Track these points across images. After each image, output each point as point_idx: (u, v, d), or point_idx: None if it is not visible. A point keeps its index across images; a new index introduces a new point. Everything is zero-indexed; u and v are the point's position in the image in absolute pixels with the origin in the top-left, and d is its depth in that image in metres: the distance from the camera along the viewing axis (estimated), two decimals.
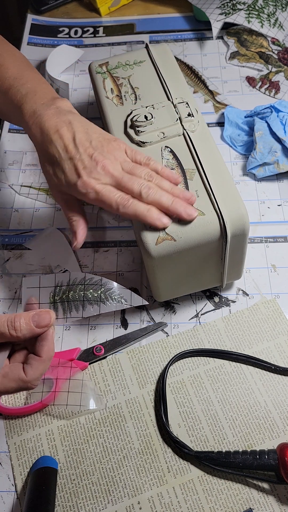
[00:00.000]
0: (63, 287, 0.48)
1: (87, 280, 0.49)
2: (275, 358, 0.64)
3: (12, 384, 0.47)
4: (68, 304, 0.47)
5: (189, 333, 0.66)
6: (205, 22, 0.99)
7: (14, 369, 0.47)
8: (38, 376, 0.47)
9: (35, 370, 0.47)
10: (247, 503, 0.56)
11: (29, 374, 0.47)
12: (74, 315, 0.48)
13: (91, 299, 0.48)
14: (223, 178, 0.59)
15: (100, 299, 0.48)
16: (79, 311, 0.47)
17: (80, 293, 0.48)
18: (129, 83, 0.70)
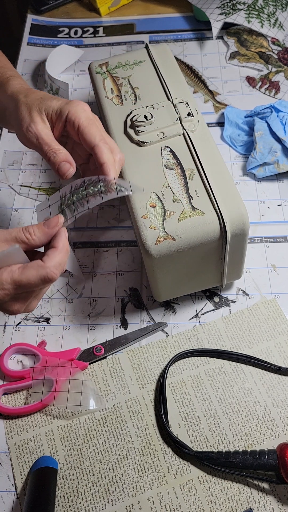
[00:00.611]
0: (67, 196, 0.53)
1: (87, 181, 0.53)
2: (275, 358, 0.64)
3: (33, 272, 0.47)
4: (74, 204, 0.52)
5: (189, 333, 0.66)
6: (205, 22, 0.99)
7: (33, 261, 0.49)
8: (56, 264, 0.48)
9: (52, 258, 0.49)
10: (247, 503, 0.56)
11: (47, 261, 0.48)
12: (81, 210, 0.52)
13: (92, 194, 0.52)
14: (223, 178, 0.59)
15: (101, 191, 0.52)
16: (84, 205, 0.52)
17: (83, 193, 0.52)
18: (129, 83, 0.70)
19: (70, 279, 0.72)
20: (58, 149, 0.56)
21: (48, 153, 0.56)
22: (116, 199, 0.78)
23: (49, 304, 0.70)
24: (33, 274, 0.48)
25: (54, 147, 0.56)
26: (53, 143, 0.57)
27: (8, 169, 0.84)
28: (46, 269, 0.48)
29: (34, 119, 0.57)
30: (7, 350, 0.66)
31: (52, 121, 0.58)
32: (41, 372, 0.63)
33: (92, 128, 0.56)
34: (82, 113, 0.56)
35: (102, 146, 0.55)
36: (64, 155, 0.56)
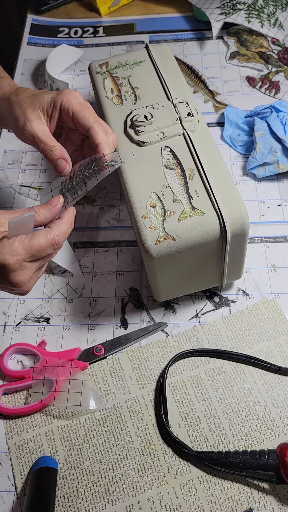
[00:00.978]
0: (67, 181, 0.58)
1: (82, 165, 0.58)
2: (275, 358, 0.64)
3: (42, 236, 0.52)
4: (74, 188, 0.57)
5: (189, 333, 0.66)
6: (205, 22, 0.99)
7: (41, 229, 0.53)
8: (61, 231, 0.53)
9: (58, 226, 0.54)
10: (247, 503, 0.56)
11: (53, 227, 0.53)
12: (80, 193, 0.57)
13: (88, 175, 0.57)
14: (223, 178, 0.59)
15: (94, 171, 0.57)
16: (83, 188, 0.57)
17: (80, 177, 0.57)
18: (129, 83, 0.70)
19: (70, 279, 0.72)
20: (53, 146, 0.59)
21: (45, 150, 0.59)
22: (116, 198, 0.79)
23: (49, 304, 0.70)
24: (43, 238, 0.52)
25: (49, 144, 0.59)
26: (48, 140, 0.59)
27: (8, 168, 0.84)
28: (53, 233, 0.52)
29: (29, 118, 0.59)
30: (7, 350, 0.66)
31: (48, 114, 0.60)
32: (41, 372, 0.63)
33: (86, 111, 0.59)
34: (74, 99, 0.59)
35: (97, 128, 0.58)
36: (59, 152, 0.59)
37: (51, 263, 0.73)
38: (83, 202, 0.79)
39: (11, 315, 0.70)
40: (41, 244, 0.52)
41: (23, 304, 0.71)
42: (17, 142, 0.87)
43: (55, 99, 0.60)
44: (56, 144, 0.59)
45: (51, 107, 0.60)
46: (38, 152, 0.85)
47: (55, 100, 0.59)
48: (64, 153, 0.59)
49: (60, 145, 0.60)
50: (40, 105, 0.60)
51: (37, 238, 0.51)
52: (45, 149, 0.59)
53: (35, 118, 0.59)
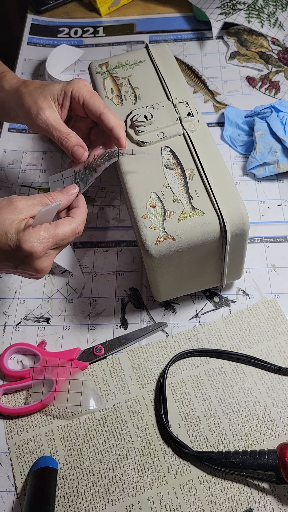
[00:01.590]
0: (81, 171, 0.60)
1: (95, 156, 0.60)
2: (275, 358, 0.64)
3: (66, 225, 0.54)
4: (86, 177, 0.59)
5: (189, 333, 0.66)
6: (205, 22, 0.99)
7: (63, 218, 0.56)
8: (81, 220, 0.56)
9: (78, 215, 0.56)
10: (247, 503, 0.56)
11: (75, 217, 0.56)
12: (91, 179, 0.59)
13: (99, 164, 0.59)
14: (223, 178, 0.59)
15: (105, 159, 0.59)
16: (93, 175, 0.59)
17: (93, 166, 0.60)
18: (129, 83, 0.70)
19: (70, 279, 0.72)
20: (68, 133, 0.61)
21: (60, 138, 0.61)
22: (116, 198, 0.79)
23: (49, 304, 0.70)
24: (67, 227, 0.54)
25: (64, 132, 0.61)
26: (62, 128, 0.61)
27: (8, 168, 0.84)
28: (75, 222, 0.55)
29: (41, 106, 0.60)
30: (7, 350, 0.66)
31: (59, 103, 0.62)
32: (41, 372, 0.63)
33: (96, 99, 0.61)
34: (84, 88, 0.61)
35: (108, 113, 0.60)
36: (75, 139, 0.60)
37: None
38: None
39: (11, 315, 0.70)
40: (66, 233, 0.54)
41: (23, 304, 0.71)
42: (17, 142, 0.87)
43: (65, 88, 0.61)
44: (71, 131, 0.61)
45: (62, 96, 0.61)
46: (38, 152, 0.85)
47: (66, 89, 0.61)
48: (79, 140, 0.61)
49: (74, 132, 0.61)
50: (51, 94, 0.61)
51: (62, 227, 0.53)
52: (60, 137, 0.60)
53: (47, 106, 0.61)
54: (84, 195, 0.79)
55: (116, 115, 0.61)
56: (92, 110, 0.60)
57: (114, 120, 0.60)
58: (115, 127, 0.60)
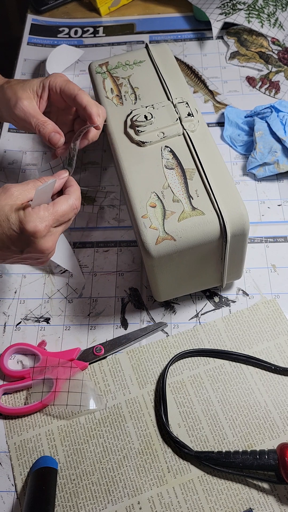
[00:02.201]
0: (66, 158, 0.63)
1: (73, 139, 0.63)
2: (275, 358, 0.64)
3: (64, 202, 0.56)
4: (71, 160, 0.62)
5: (189, 333, 0.66)
6: (205, 22, 0.99)
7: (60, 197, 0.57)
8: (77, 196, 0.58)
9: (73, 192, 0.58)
10: (247, 503, 0.56)
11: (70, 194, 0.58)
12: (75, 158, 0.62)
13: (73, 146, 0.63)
14: (223, 178, 0.59)
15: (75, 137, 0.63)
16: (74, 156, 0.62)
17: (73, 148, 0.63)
18: (129, 83, 0.70)
19: (70, 279, 0.72)
20: (45, 121, 0.64)
21: (37, 125, 0.64)
22: (116, 198, 0.79)
23: (49, 304, 0.70)
24: (64, 204, 0.56)
25: (41, 119, 0.64)
26: (39, 116, 0.65)
27: (8, 168, 0.84)
28: (72, 198, 0.57)
29: (20, 97, 0.64)
30: (7, 350, 0.66)
31: (38, 94, 0.66)
32: (41, 372, 0.63)
33: (70, 84, 0.65)
34: (59, 78, 0.66)
35: (81, 93, 0.64)
36: (52, 126, 0.64)
37: (51, 263, 0.73)
38: (83, 202, 0.79)
39: (11, 315, 0.70)
40: (65, 209, 0.56)
41: (23, 304, 0.71)
42: (17, 142, 0.87)
43: (43, 81, 0.66)
44: (48, 119, 0.65)
45: (40, 88, 0.65)
46: (38, 152, 0.85)
47: (44, 82, 0.66)
48: (56, 127, 0.64)
49: (51, 121, 0.65)
50: (30, 87, 0.65)
51: (60, 204, 0.56)
52: (37, 124, 0.64)
53: (25, 97, 0.65)
54: (84, 195, 0.79)
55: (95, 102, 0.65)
56: (67, 94, 0.65)
57: (88, 99, 0.64)
58: (88, 105, 0.63)
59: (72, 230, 0.76)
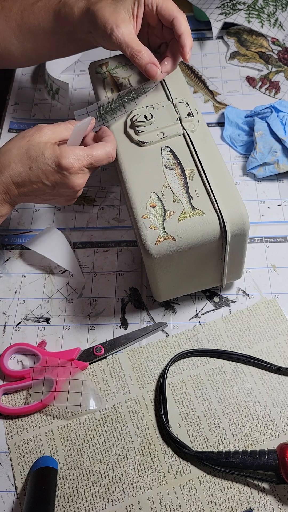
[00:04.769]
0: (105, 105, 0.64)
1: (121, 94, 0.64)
2: (275, 358, 0.64)
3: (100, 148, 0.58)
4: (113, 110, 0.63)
5: (189, 333, 0.66)
6: (205, 22, 0.99)
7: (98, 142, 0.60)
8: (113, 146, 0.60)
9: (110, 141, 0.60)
10: (247, 503, 0.56)
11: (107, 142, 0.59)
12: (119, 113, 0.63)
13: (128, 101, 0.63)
14: (223, 178, 0.59)
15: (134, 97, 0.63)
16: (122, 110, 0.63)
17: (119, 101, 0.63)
18: (129, 83, 0.70)
19: (70, 279, 0.72)
20: (139, 50, 0.62)
21: (132, 56, 0.62)
22: (116, 198, 0.79)
23: (49, 304, 0.70)
24: (101, 150, 0.58)
25: (136, 49, 0.62)
26: (134, 44, 0.62)
27: None
28: (108, 146, 0.59)
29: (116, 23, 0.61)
30: (7, 350, 0.66)
31: (134, 14, 0.62)
32: (41, 372, 0.63)
33: (169, 3, 0.62)
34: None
35: (181, 17, 0.62)
36: (147, 57, 0.62)
37: (51, 263, 0.73)
38: (83, 202, 0.79)
39: (11, 315, 0.70)
40: (100, 155, 0.58)
41: (23, 304, 0.71)
42: None
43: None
44: (142, 48, 0.62)
45: (136, 6, 0.62)
46: None
47: None
48: (152, 58, 0.62)
49: (147, 49, 0.62)
50: (125, 7, 0.62)
51: (97, 149, 0.58)
52: (132, 54, 0.62)
53: (121, 21, 0.61)
54: (84, 195, 0.79)
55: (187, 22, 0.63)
56: (165, 15, 0.62)
57: (186, 27, 0.61)
58: (184, 34, 0.61)
59: (72, 230, 0.77)
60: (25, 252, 0.75)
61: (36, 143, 0.57)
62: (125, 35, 0.61)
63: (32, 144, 0.57)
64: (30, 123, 0.89)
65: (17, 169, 0.56)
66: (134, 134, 0.64)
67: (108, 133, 0.61)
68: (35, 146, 0.56)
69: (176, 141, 0.63)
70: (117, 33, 0.61)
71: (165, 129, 0.63)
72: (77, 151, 0.56)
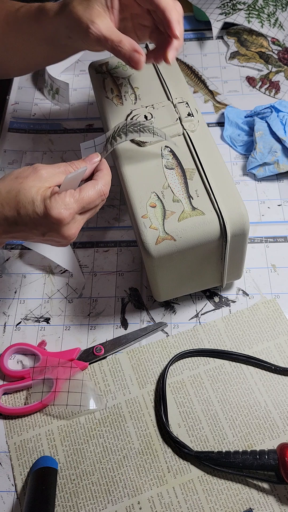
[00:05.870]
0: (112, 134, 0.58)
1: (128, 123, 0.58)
2: (275, 358, 0.64)
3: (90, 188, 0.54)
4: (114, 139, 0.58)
5: (189, 333, 0.66)
6: (205, 22, 0.99)
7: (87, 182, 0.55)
8: (105, 182, 0.55)
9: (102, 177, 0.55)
10: (247, 503, 0.56)
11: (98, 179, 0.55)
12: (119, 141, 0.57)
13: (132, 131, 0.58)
14: (223, 178, 0.59)
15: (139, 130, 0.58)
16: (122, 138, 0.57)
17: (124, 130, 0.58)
18: (129, 83, 0.70)
19: (70, 279, 0.72)
20: (119, 40, 0.58)
21: (114, 48, 0.58)
22: (116, 198, 0.79)
23: (49, 304, 0.70)
24: (91, 191, 0.54)
25: (115, 40, 0.58)
26: (113, 36, 0.58)
27: (8, 168, 0.84)
28: (99, 184, 0.54)
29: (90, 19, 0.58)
30: (7, 350, 0.66)
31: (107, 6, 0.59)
32: (41, 372, 0.63)
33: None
34: None
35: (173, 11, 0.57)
36: (128, 45, 0.58)
37: (51, 263, 0.73)
38: None
39: (11, 315, 0.70)
40: (91, 196, 0.54)
41: (23, 304, 0.71)
42: (17, 142, 0.87)
43: None
44: (122, 37, 0.58)
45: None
46: (38, 152, 0.85)
47: None
48: (133, 45, 0.58)
49: (127, 37, 0.58)
50: (98, 1, 0.58)
51: (86, 191, 0.53)
52: (113, 47, 0.58)
53: (95, 17, 0.58)
54: None
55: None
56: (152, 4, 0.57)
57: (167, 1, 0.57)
58: (167, 9, 0.57)
59: None
60: (25, 252, 0.75)
61: (28, 187, 0.52)
62: (102, 29, 0.57)
63: (24, 188, 0.52)
64: (30, 123, 0.89)
65: (4, 213, 0.52)
66: None
67: (101, 167, 0.56)
68: (27, 191, 0.52)
69: (176, 141, 0.63)
70: (94, 29, 0.57)
71: (165, 129, 0.63)
72: (67, 199, 0.52)
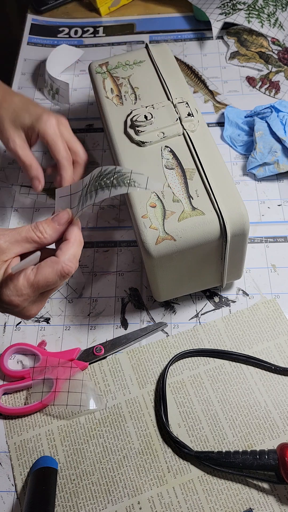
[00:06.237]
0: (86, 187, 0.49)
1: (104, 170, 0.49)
2: (275, 358, 0.64)
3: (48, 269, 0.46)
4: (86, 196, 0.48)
5: (189, 333, 0.66)
6: (205, 22, 0.99)
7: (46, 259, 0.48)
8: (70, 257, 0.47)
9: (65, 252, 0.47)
10: (247, 503, 0.56)
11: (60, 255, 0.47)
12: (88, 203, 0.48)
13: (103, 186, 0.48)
14: (223, 178, 0.59)
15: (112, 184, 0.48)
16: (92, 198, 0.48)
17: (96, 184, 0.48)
18: (129, 83, 0.70)
19: (70, 279, 0.72)
20: (30, 165, 0.69)
21: (23, 168, 0.69)
22: (116, 198, 0.79)
23: (49, 304, 0.70)
24: (49, 272, 0.46)
25: (27, 164, 0.68)
26: (26, 159, 0.68)
27: (8, 168, 0.84)
28: (61, 263, 0.47)
29: (11, 136, 0.68)
30: (7, 350, 0.66)
31: (28, 136, 0.69)
32: (41, 372, 0.63)
33: (57, 145, 0.67)
34: (49, 130, 0.67)
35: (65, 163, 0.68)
36: (34, 172, 0.69)
37: None
38: None
39: (11, 315, 0.70)
40: (48, 278, 0.46)
41: None
42: None
43: (34, 125, 0.67)
44: (34, 163, 0.68)
45: (30, 131, 0.68)
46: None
47: (34, 126, 0.67)
48: (38, 174, 0.69)
49: (37, 164, 0.69)
50: (21, 126, 0.68)
51: (43, 272, 0.46)
52: (23, 167, 0.69)
53: (16, 136, 0.68)
54: None
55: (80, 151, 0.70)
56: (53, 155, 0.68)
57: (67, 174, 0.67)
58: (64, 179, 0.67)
59: None
60: None
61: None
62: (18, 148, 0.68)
63: None
64: None
65: None
66: (134, 134, 0.64)
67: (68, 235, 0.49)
68: None
69: (176, 141, 0.63)
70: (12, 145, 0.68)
71: (165, 129, 0.63)
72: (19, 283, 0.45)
